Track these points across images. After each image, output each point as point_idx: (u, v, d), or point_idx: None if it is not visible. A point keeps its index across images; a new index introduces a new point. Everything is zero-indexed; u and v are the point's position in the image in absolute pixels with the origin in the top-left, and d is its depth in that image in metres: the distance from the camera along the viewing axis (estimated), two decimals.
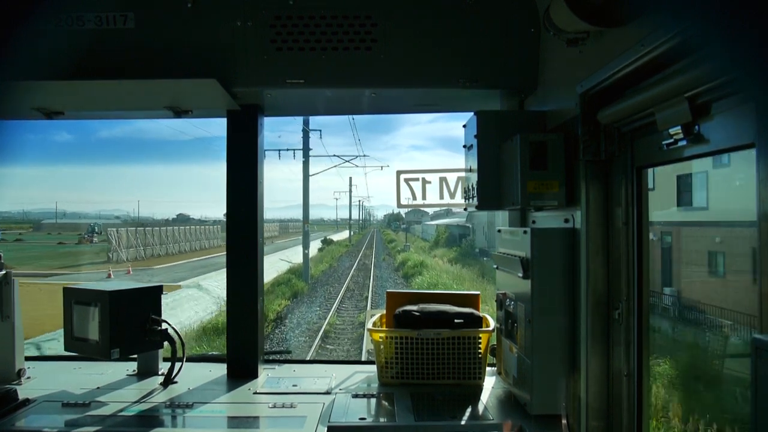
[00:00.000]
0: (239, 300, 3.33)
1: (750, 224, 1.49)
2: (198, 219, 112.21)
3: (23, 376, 3.21)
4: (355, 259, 46.21)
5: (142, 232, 48.28)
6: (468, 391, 3.03)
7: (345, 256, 50.91)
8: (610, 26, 2.01)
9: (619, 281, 2.25)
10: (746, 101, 1.54)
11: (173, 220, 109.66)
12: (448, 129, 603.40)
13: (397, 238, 78.87)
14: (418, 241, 73.28)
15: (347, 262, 43.99)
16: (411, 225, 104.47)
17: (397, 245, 61.20)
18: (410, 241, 70.04)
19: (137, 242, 45.93)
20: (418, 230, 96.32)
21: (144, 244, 46.64)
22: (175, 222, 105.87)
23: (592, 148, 2.25)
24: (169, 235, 52.49)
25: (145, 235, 48.19)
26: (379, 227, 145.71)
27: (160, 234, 50.94)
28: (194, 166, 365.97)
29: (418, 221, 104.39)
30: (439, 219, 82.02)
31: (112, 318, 2.95)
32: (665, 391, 6.06)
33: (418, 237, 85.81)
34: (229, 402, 2.91)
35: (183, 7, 2.90)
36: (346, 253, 53.98)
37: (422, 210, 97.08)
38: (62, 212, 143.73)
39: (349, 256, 50.02)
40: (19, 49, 2.81)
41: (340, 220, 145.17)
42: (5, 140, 3.64)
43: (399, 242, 68.98)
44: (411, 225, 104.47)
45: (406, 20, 2.94)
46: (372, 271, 34.90)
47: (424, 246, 59.92)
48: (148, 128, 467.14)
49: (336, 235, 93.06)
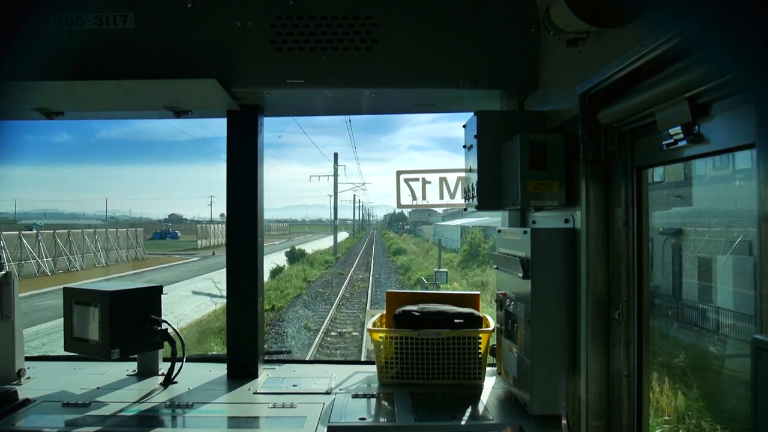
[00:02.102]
0: (239, 300, 3.33)
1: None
2: (191, 219, 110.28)
3: (23, 376, 3.21)
4: (322, 316, 19.68)
5: (65, 235, 36.33)
6: (468, 391, 3.03)
7: (308, 295, 24.96)
8: (610, 26, 2.01)
9: (619, 281, 2.25)
10: (746, 101, 1.54)
11: (165, 221, 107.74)
12: (448, 129, 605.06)
13: (405, 245, 56.38)
14: (436, 250, 39.55)
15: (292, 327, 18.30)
16: (417, 226, 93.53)
17: (409, 261, 37.25)
18: (420, 246, 54.32)
19: (53, 250, 34.51)
20: (427, 232, 75.11)
21: (54, 254, 34.62)
22: (167, 222, 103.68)
23: (592, 148, 2.25)
24: (102, 239, 39.82)
25: (60, 240, 35.29)
26: (379, 228, 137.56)
27: (83, 238, 38.22)
28: (191, 165, 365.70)
29: (426, 221, 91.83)
30: (456, 218, 57.96)
31: (112, 318, 2.95)
32: None
33: (428, 240, 62.31)
34: (229, 402, 2.91)
35: (183, 7, 2.89)
36: (311, 288, 26.91)
37: (429, 209, 78.22)
38: (41, 212, 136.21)
39: (315, 300, 23.34)
40: (19, 49, 2.82)
41: (339, 220, 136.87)
42: (5, 140, 3.65)
43: (408, 251, 46.89)
44: (417, 226, 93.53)
45: (406, 20, 2.94)
46: None
47: (452, 260, 34.84)
48: (145, 128, 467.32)
49: (319, 241, 68.32)
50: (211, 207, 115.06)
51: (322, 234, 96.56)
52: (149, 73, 2.86)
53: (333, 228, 52.79)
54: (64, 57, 2.84)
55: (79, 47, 2.85)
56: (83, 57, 2.85)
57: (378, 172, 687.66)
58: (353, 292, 25.86)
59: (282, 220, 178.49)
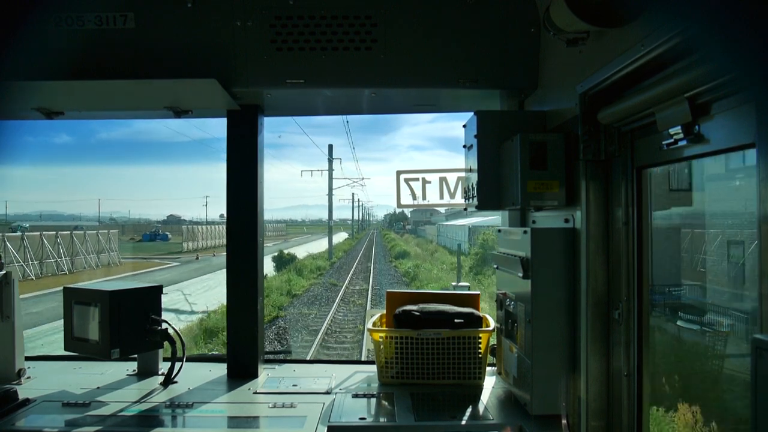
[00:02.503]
0: (239, 300, 3.33)
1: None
2: (190, 220, 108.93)
3: (23, 376, 3.21)
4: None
5: (53, 237, 34.15)
6: (468, 391, 3.03)
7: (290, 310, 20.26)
8: (610, 26, 2.01)
9: (619, 281, 2.25)
10: (746, 101, 1.54)
11: (163, 222, 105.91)
12: (448, 129, 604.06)
13: (407, 247, 50.10)
14: (442, 252, 42.56)
15: None
16: (418, 226, 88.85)
17: (415, 267, 31.65)
18: (424, 247, 48.65)
19: (39, 253, 32.18)
20: (430, 233, 70.05)
21: (39, 258, 32.35)
22: (166, 223, 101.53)
23: (592, 148, 2.25)
24: (65, 242, 35.49)
25: (47, 242, 32.93)
26: (380, 228, 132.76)
27: (71, 240, 35.80)
28: (191, 165, 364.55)
29: (428, 221, 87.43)
30: (459, 218, 52.55)
31: (112, 318, 2.95)
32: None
33: (432, 241, 58.69)
34: (229, 402, 2.91)
35: (183, 7, 2.89)
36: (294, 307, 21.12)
37: (432, 209, 74.97)
38: (37, 214, 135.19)
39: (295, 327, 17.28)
40: (19, 49, 2.83)
41: (338, 220, 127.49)
42: (5, 140, 3.65)
43: (412, 254, 41.47)
44: (418, 226, 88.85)
45: (406, 20, 2.94)
46: None
47: (461, 264, 28.16)
48: (144, 129, 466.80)
49: (316, 243, 63.21)
50: (206, 207, 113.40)
51: (320, 235, 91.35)
52: (149, 73, 2.86)
53: (329, 229, 47.17)
54: (64, 57, 2.84)
55: (79, 47, 2.85)
56: (83, 57, 2.85)
57: (378, 172, 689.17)
58: (347, 312, 19.87)
59: (281, 220, 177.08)
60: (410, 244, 57.44)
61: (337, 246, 50.88)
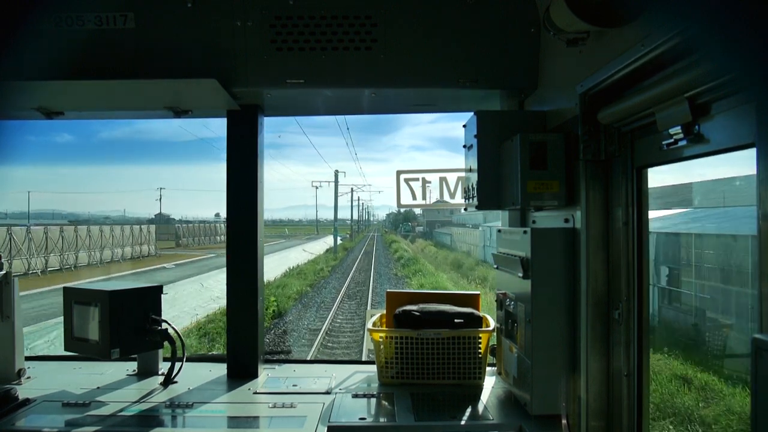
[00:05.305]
0: (239, 300, 3.33)
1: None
2: (178, 219, 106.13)
3: (23, 376, 3.21)
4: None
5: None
6: (468, 391, 3.03)
7: None
8: (610, 26, 2.01)
9: (619, 281, 2.25)
10: (746, 101, 1.54)
11: (150, 221, 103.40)
12: (448, 129, 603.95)
13: (424, 263, 34.14)
14: (479, 268, 29.49)
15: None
16: (434, 227, 73.79)
17: None
18: (454, 262, 33.07)
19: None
20: (458, 238, 51.29)
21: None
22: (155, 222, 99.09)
23: (592, 148, 2.25)
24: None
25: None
26: (381, 230, 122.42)
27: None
28: (192, 165, 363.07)
29: (447, 220, 71.76)
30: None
31: (112, 318, 2.95)
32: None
33: (469, 253, 40.04)
34: (229, 402, 2.91)
35: (183, 7, 2.89)
36: None
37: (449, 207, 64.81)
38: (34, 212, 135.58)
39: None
40: (19, 49, 2.83)
41: (326, 220, 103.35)
42: (5, 140, 3.65)
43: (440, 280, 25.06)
44: (434, 227, 73.79)
45: (406, 20, 2.94)
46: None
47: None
48: (144, 129, 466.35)
49: (310, 244, 51.62)
50: (160, 201, 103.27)
51: (320, 235, 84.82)
52: (149, 73, 2.86)
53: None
54: (64, 57, 2.84)
55: (79, 47, 2.85)
56: (83, 57, 2.85)
57: (379, 172, 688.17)
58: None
59: (277, 220, 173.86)
60: (427, 255, 38.46)
61: (320, 258, 33.22)
